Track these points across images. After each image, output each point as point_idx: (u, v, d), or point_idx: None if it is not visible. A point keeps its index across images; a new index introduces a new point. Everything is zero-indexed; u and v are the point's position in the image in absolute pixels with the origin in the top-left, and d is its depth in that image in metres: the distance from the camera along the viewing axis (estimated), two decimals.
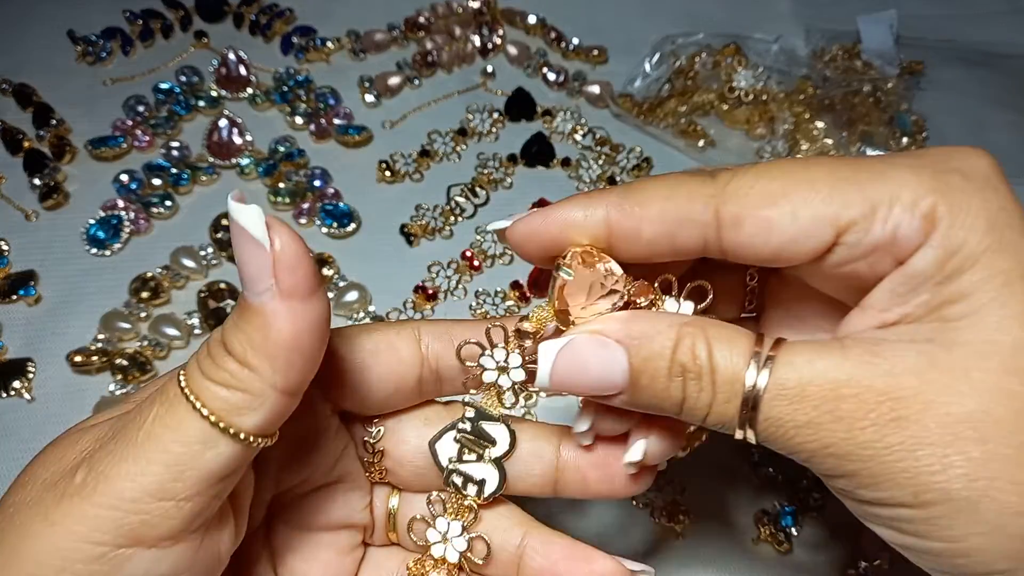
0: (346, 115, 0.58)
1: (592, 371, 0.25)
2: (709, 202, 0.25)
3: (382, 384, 0.29)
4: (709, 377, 0.24)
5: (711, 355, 0.24)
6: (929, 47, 0.64)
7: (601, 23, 0.64)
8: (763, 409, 0.23)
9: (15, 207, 0.53)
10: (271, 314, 0.23)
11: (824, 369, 0.23)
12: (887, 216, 0.23)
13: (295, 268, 0.23)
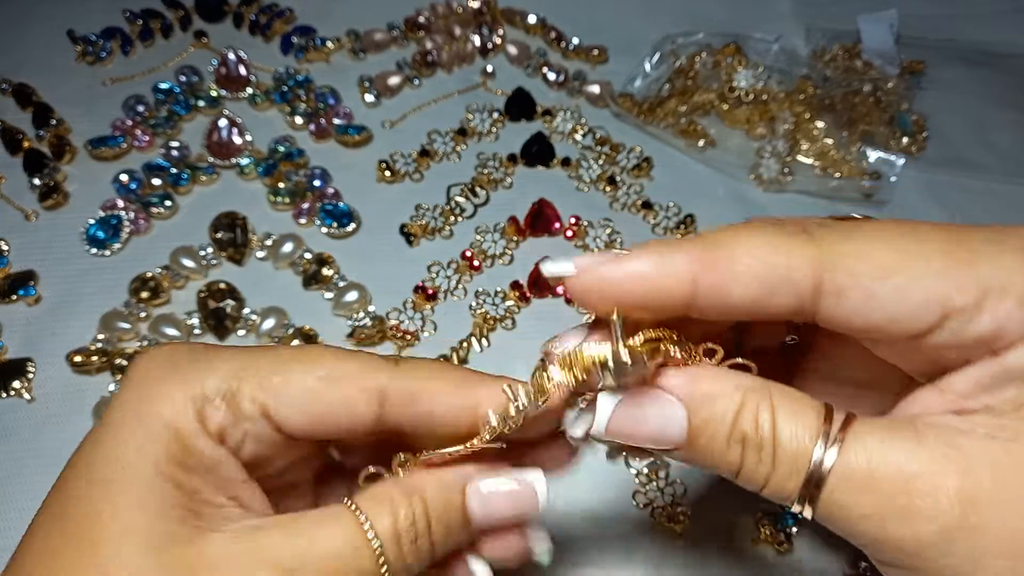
0: (346, 115, 0.58)
1: (650, 426, 0.24)
2: (811, 264, 0.22)
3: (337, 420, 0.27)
4: (770, 449, 0.23)
5: (775, 426, 0.23)
6: (930, 47, 0.64)
7: (601, 23, 0.64)
8: (826, 492, 0.22)
9: (15, 207, 0.53)
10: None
11: (897, 458, 0.22)
12: (996, 307, 0.21)
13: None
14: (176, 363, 0.26)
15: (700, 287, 0.23)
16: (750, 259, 0.22)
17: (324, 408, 0.26)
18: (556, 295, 0.51)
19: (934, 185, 0.58)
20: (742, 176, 0.57)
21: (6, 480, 0.44)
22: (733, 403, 0.23)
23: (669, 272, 0.23)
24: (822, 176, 0.57)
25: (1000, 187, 0.58)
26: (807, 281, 0.22)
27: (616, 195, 0.56)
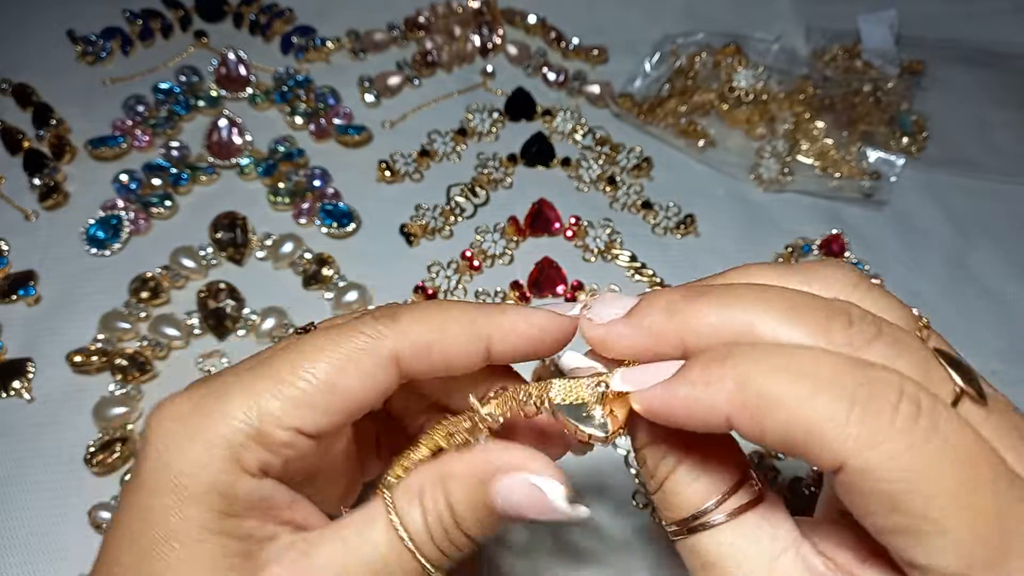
0: (346, 115, 0.58)
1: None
2: (840, 443, 0.21)
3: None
4: (663, 483, 0.26)
5: (675, 471, 0.25)
6: (930, 46, 0.64)
7: (601, 23, 0.64)
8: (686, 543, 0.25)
9: (14, 207, 0.53)
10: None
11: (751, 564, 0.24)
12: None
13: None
14: (193, 419, 0.25)
15: (734, 422, 0.22)
16: (785, 415, 0.21)
17: (347, 398, 0.26)
18: (556, 295, 0.51)
19: (934, 185, 0.58)
20: (742, 176, 0.57)
21: (6, 480, 0.44)
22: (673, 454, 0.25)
23: (712, 404, 0.23)
24: (822, 176, 0.57)
25: (1000, 187, 0.58)
26: (836, 456, 0.21)
27: (616, 195, 0.56)
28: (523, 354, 0.28)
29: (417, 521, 0.26)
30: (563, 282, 0.52)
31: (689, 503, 0.25)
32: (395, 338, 0.26)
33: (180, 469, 0.24)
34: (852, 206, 0.57)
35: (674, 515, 0.25)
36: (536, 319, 0.27)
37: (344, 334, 0.26)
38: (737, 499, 0.25)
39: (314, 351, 0.26)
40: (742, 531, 0.24)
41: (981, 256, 0.55)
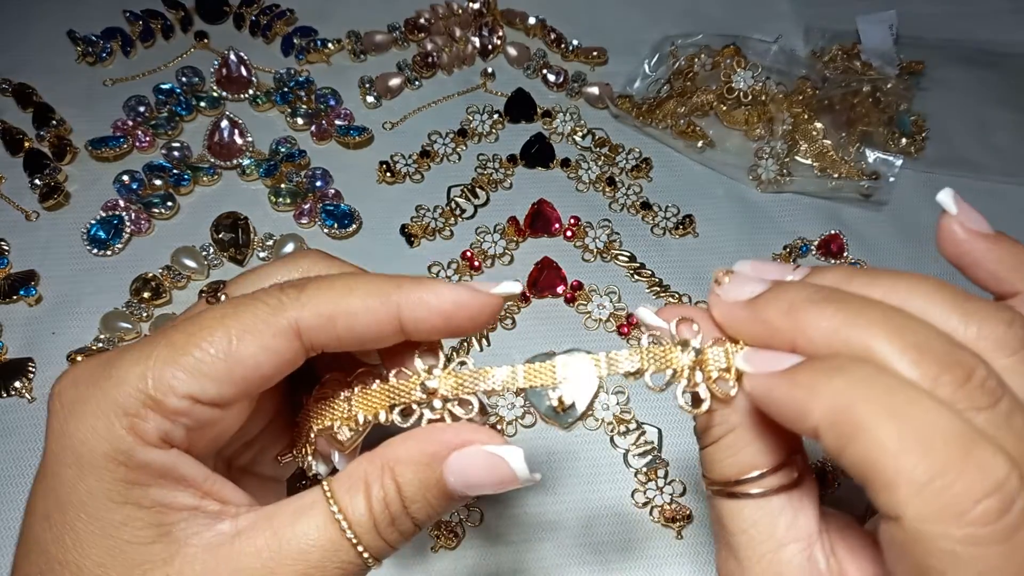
0: (347, 116, 0.58)
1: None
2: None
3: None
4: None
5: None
6: (929, 46, 0.64)
7: (601, 24, 0.64)
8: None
9: (15, 207, 0.53)
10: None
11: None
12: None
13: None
14: (89, 386, 0.25)
15: (820, 435, 0.22)
16: (869, 450, 0.21)
17: (246, 367, 0.25)
18: (556, 295, 0.52)
19: (933, 185, 0.58)
20: (741, 177, 0.57)
21: (6, 480, 0.44)
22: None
23: (801, 412, 0.23)
24: (821, 176, 0.57)
25: (1000, 187, 0.58)
26: (893, 511, 0.21)
27: (615, 196, 0.56)
28: (438, 330, 0.27)
29: (360, 510, 0.25)
30: (563, 282, 0.52)
31: (734, 468, 0.25)
32: (296, 309, 0.25)
33: (78, 436, 0.24)
34: (851, 206, 0.57)
35: (716, 475, 0.26)
36: (449, 294, 0.26)
37: (245, 304, 0.26)
38: (775, 479, 0.25)
39: (212, 320, 0.25)
40: (766, 511, 0.25)
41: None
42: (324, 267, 0.30)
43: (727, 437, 0.26)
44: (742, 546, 0.25)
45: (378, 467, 0.26)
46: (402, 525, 0.26)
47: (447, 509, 0.27)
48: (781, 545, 0.25)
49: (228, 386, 0.25)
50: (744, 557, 0.25)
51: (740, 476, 0.25)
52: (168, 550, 0.24)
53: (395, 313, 0.26)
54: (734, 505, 0.26)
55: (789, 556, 0.25)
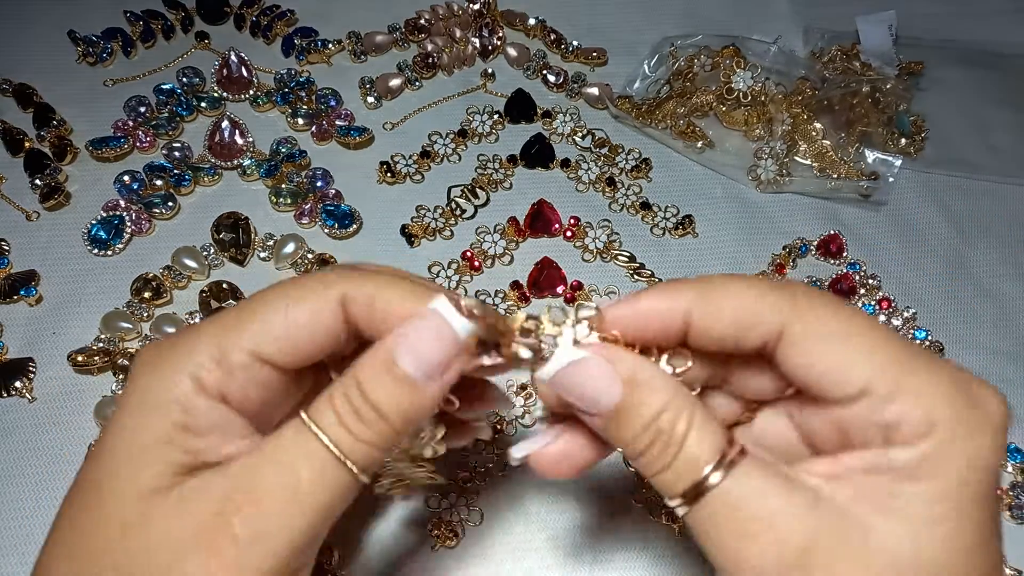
0: (347, 116, 0.58)
1: (586, 390, 0.28)
2: (781, 312, 0.27)
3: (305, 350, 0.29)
4: (674, 451, 0.26)
5: (686, 434, 0.26)
6: (929, 47, 0.64)
7: (601, 25, 0.65)
8: (702, 503, 0.26)
9: (16, 207, 0.53)
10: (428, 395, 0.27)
11: (767, 497, 0.26)
12: (902, 407, 0.25)
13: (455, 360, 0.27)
14: (167, 349, 0.28)
15: (694, 323, 0.28)
16: (735, 298, 0.27)
17: (300, 329, 0.28)
18: (556, 295, 0.52)
19: (932, 185, 0.58)
20: (740, 177, 0.58)
21: (6, 480, 0.44)
22: (661, 400, 0.27)
23: (672, 311, 0.28)
24: (820, 177, 0.57)
25: (999, 187, 0.58)
26: (775, 322, 0.27)
27: (615, 196, 0.56)
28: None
29: (330, 418, 0.26)
30: (563, 282, 0.52)
31: (702, 459, 0.26)
32: (342, 284, 0.28)
33: (147, 386, 0.27)
34: (850, 206, 0.57)
35: (685, 481, 0.26)
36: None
37: (302, 279, 0.29)
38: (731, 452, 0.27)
39: (274, 292, 0.28)
40: (741, 479, 0.26)
41: (980, 256, 0.55)
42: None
43: (689, 435, 0.26)
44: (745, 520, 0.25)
45: (340, 379, 0.27)
46: (368, 417, 0.26)
47: (418, 404, 0.27)
48: (769, 495, 0.26)
49: (286, 346, 0.28)
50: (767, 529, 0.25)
51: (712, 461, 0.26)
52: (179, 482, 0.26)
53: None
54: (715, 496, 0.26)
55: (778, 490, 0.26)
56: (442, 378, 0.27)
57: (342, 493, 0.26)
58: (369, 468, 0.27)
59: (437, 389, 0.27)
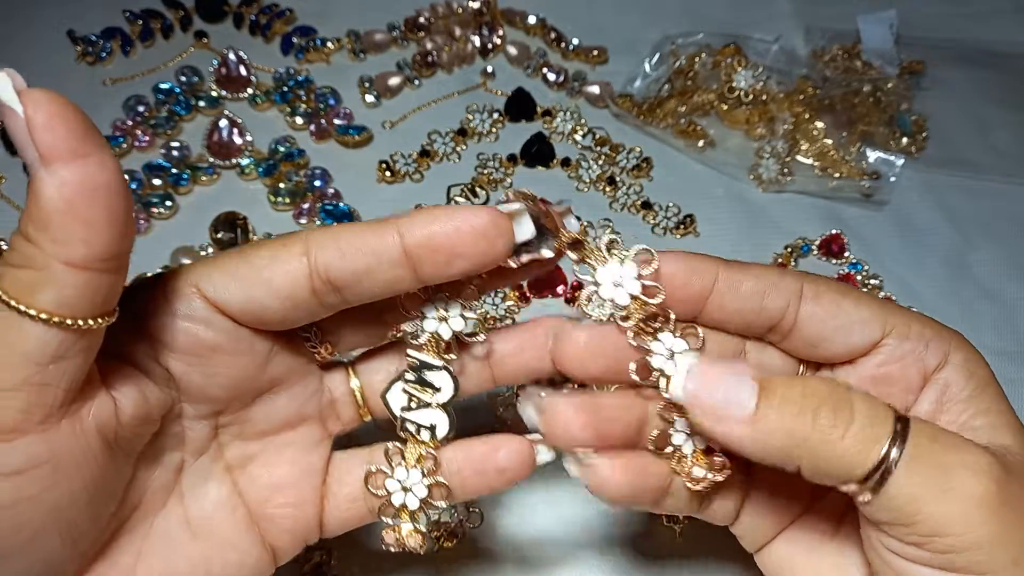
0: (346, 115, 0.58)
1: (722, 392, 0.26)
2: (797, 279, 0.29)
3: (270, 297, 0.28)
4: (847, 415, 0.25)
5: (851, 393, 0.26)
6: (930, 46, 0.64)
7: (601, 23, 0.64)
8: (896, 474, 0.24)
9: (15, 207, 0.53)
10: (37, 181, 0.22)
11: (951, 447, 0.25)
12: (921, 331, 0.29)
13: (50, 129, 0.22)
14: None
15: (720, 279, 0.29)
16: (758, 267, 0.29)
17: (256, 276, 0.27)
18: (556, 295, 0.52)
19: (934, 185, 0.58)
20: (742, 176, 0.57)
21: None
22: (797, 378, 0.29)
23: (709, 268, 0.29)
24: (822, 176, 0.57)
25: (1000, 187, 0.58)
26: (794, 286, 0.29)
27: (616, 195, 0.56)
28: (449, 263, 0.27)
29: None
30: (563, 282, 0.52)
31: (878, 417, 0.25)
32: (308, 234, 0.27)
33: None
34: (852, 206, 0.57)
35: (863, 468, 0.25)
36: (454, 217, 0.27)
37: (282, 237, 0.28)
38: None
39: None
40: (923, 433, 0.25)
41: (981, 256, 0.55)
42: None
43: (853, 425, 0.25)
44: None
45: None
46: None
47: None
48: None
49: (235, 294, 0.27)
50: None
51: (886, 446, 0.25)
52: None
53: (397, 236, 0.27)
54: (897, 478, 0.25)
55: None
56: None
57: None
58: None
59: (49, 176, 0.23)
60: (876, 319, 0.28)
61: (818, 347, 0.29)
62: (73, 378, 0.24)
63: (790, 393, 0.25)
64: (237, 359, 0.29)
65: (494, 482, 0.32)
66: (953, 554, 0.25)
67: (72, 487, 0.25)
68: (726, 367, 0.26)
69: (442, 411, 0.31)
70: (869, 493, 0.25)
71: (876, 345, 0.29)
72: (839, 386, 0.26)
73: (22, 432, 0.24)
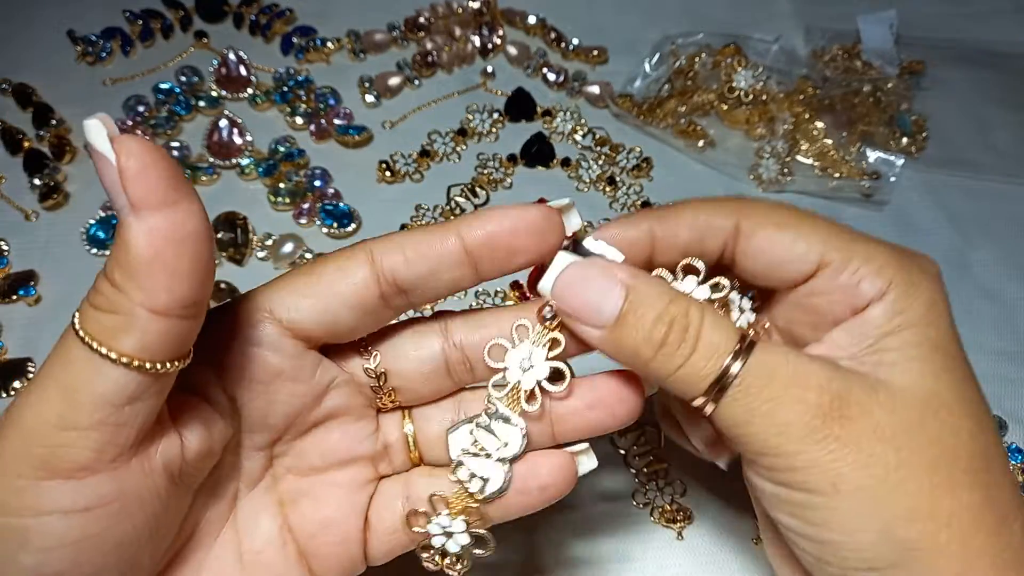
0: (346, 115, 0.58)
1: (590, 293, 0.28)
2: (733, 215, 0.30)
3: (343, 307, 0.29)
4: (695, 335, 0.27)
5: (702, 321, 0.28)
6: (930, 46, 0.64)
7: (601, 23, 0.64)
8: (740, 377, 0.27)
9: (15, 207, 0.53)
10: (126, 228, 0.22)
11: (796, 362, 0.27)
12: (857, 268, 0.29)
13: (142, 178, 0.22)
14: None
15: (657, 238, 0.30)
16: (689, 213, 0.31)
17: (328, 290, 0.28)
18: None
19: (934, 185, 0.58)
20: (741, 176, 0.57)
21: None
22: (667, 294, 0.28)
23: (635, 228, 0.31)
24: (821, 176, 0.57)
25: (1000, 187, 0.58)
26: (729, 225, 0.30)
27: (616, 195, 0.56)
28: (507, 257, 0.29)
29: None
30: None
31: (723, 345, 0.27)
32: (371, 243, 0.29)
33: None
34: (852, 206, 0.57)
35: (710, 370, 0.27)
36: (506, 217, 0.28)
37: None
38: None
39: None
40: (765, 354, 0.27)
41: (981, 256, 0.55)
42: None
43: (703, 326, 0.27)
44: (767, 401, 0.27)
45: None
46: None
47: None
48: (793, 364, 0.27)
49: (312, 300, 0.28)
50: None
51: (732, 349, 0.27)
52: None
53: (457, 235, 0.28)
54: (736, 389, 0.27)
55: (797, 361, 0.28)
56: None
57: None
58: None
59: (137, 224, 0.23)
60: (812, 254, 0.29)
61: (756, 279, 0.31)
62: (146, 418, 0.24)
63: (642, 319, 0.28)
64: (297, 386, 0.29)
65: (536, 500, 0.32)
66: (776, 472, 0.27)
67: (135, 524, 0.25)
68: (599, 272, 0.28)
69: (500, 466, 0.30)
70: (711, 405, 0.28)
71: (809, 277, 0.29)
72: (696, 310, 0.28)
73: (93, 471, 0.24)
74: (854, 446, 0.26)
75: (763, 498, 0.29)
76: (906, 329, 0.28)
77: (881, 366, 0.28)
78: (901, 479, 0.26)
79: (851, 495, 0.26)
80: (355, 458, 0.32)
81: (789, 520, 0.28)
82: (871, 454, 0.26)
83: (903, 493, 0.26)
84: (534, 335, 0.30)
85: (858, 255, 0.29)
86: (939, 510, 0.26)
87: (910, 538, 0.26)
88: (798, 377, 0.27)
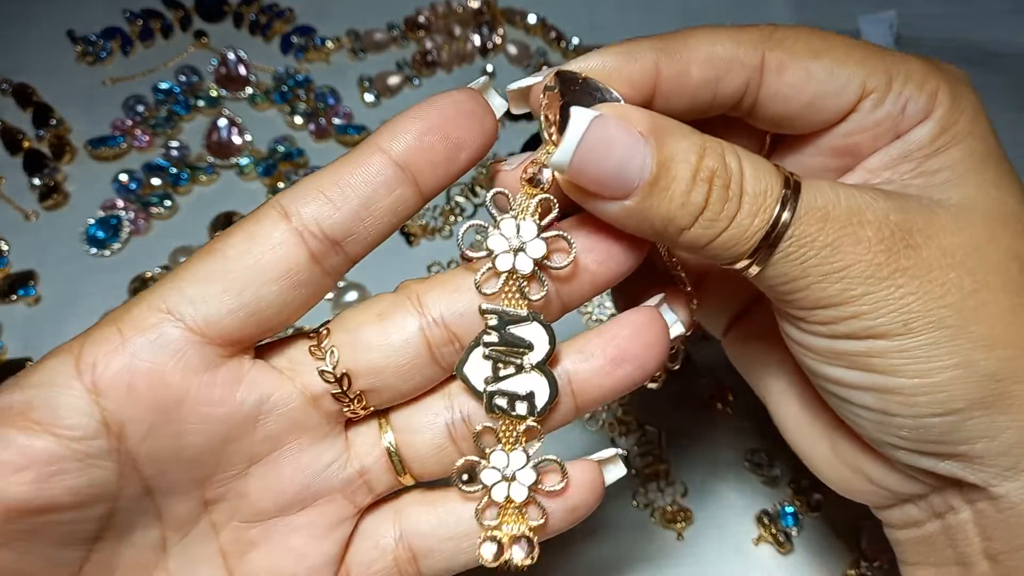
0: (346, 115, 0.58)
1: (615, 156, 0.22)
2: (758, 47, 0.26)
3: (263, 284, 0.23)
4: (738, 189, 0.23)
5: (742, 167, 0.23)
6: (930, 46, 0.64)
7: (601, 22, 0.64)
8: (792, 227, 0.23)
9: (14, 207, 0.53)
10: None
11: (847, 197, 0.24)
12: (901, 90, 0.25)
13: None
14: None
15: (663, 74, 0.25)
16: (704, 44, 0.26)
17: (240, 267, 0.24)
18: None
19: None
20: None
21: None
22: (698, 142, 0.23)
23: (637, 63, 0.25)
24: None
25: None
26: (754, 59, 0.25)
27: None
28: (452, 157, 0.24)
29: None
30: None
31: (771, 191, 0.23)
32: (278, 197, 0.25)
33: None
34: None
35: (760, 224, 0.23)
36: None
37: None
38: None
39: None
40: (815, 192, 0.24)
41: None
42: None
43: (745, 175, 0.23)
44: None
45: None
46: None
47: None
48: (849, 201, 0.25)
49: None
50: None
51: (782, 196, 0.23)
52: None
53: (390, 162, 0.25)
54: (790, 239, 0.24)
55: (851, 195, 0.25)
56: None
57: None
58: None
59: None
60: (853, 83, 0.25)
61: (782, 126, 0.27)
62: None
63: (677, 181, 0.23)
64: (214, 410, 0.23)
65: (563, 523, 0.27)
66: (835, 324, 0.24)
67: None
68: (615, 125, 0.22)
69: (539, 373, 0.25)
70: (756, 267, 0.24)
71: (849, 113, 0.26)
72: (731, 154, 0.23)
73: None
74: (924, 277, 0.24)
75: (810, 357, 0.26)
76: (954, 145, 0.26)
77: (932, 187, 0.25)
78: (979, 303, 0.24)
79: (925, 331, 0.23)
80: (318, 493, 0.25)
81: (848, 374, 0.25)
82: (943, 282, 0.24)
83: (982, 319, 0.24)
84: (517, 205, 0.24)
85: (899, 76, 0.25)
86: (1022, 334, 0.24)
87: (991, 368, 0.23)
88: (853, 214, 0.24)
